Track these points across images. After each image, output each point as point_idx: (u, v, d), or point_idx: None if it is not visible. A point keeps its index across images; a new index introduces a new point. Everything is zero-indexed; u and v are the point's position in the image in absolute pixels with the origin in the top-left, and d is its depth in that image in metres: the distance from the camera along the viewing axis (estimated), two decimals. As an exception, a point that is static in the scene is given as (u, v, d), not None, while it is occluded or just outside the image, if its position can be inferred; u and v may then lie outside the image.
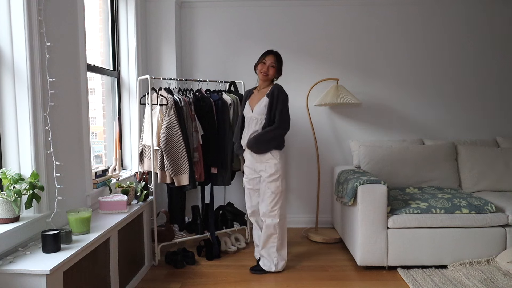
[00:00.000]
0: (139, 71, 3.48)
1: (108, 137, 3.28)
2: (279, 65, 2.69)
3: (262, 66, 2.69)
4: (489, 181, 3.41)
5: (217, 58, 3.94)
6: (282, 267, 2.86)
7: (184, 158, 2.94)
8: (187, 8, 3.91)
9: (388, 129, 3.96)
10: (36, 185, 1.92)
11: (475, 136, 3.93)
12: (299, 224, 3.99)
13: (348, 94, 3.61)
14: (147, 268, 2.93)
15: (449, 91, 3.93)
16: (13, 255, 1.77)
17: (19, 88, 1.94)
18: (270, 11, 3.90)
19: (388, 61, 3.92)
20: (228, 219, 3.49)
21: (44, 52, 2.05)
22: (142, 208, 2.78)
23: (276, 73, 2.72)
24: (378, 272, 2.87)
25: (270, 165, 2.69)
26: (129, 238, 2.56)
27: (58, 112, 2.19)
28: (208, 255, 3.15)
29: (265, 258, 2.85)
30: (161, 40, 3.70)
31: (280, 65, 2.71)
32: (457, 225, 2.85)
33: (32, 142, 1.97)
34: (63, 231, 1.91)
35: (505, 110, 3.94)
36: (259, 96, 2.77)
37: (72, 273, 1.82)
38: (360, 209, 2.84)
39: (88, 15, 2.74)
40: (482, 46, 3.89)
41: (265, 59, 2.68)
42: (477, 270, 2.73)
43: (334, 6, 3.88)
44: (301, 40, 3.91)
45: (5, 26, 1.92)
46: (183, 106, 3.05)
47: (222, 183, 3.26)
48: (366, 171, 3.30)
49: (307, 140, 3.87)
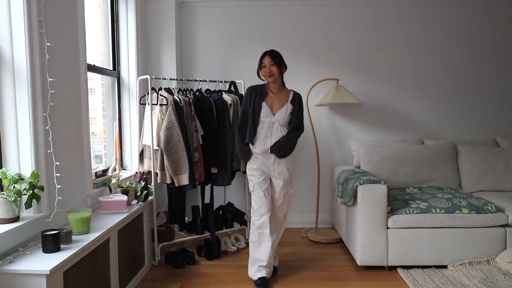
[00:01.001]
0: (139, 71, 3.48)
1: (108, 137, 3.28)
2: (277, 60, 2.68)
3: (264, 69, 2.70)
4: (489, 181, 3.41)
5: (217, 58, 3.94)
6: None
7: (184, 158, 2.94)
8: (187, 8, 3.91)
9: (388, 129, 3.96)
10: (36, 185, 1.92)
11: (475, 136, 3.93)
12: (299, 224, 3.99)
13: (348, 94, 3.61)
14: (147, 268, 2.93)
15: (449, 91, 3.93)
16: (13, 255, 1.77)
17: (19, 88, 1.94)
18: (270, 11, 3.90)
19: (388, 61, 3.92)
20: (228, 219, 3.49)
21: (44, 52, 2.05)
22: (142, 208, 2.78)
23: (279, 68, 2.69)
24: (378, 272, 2.87)
25: (288, 168, 2.75)
26: (129, 238, 2.56)
27: (58, 112, 2.19)
28: (208, 255, 3.15)
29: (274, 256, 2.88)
30: (161, 40, 3.70)
31: (279, 60, 2.69)
32: (457, 225, 2.85)
33: (32, 142, 1.97)
34: (63, 231, 1.91)
35: (505, 110, 3.94)
36: (279, 101, 2.72)
37: (72, 273, 1.82)
38: (360, 209, 2.84)
39: (88, 15, 2.74)
40: (482, 46, 3.89)
41: (263, 62, 2.70)
42: (477, 270, 2.73)
43: (334, 6, 3.88)
44: (301, 40, 3.91)
45: (5, 26, 1.92)
46: (183, 106, 3.05)
47: (222, 183, 3.26)
48: (366, 171, 3.30)
49: (307, 140, 3.87)
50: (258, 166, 2.71)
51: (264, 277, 2.66)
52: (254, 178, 2.72)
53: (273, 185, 2.75)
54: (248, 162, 2.78)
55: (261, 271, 2.68)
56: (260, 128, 2.69)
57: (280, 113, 2.69)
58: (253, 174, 2.73)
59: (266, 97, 2.73)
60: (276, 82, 2.73)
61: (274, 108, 2.71)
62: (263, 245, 2.68)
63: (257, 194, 2.69)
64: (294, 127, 2.73)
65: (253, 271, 2.72)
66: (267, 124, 2.69)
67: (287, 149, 2.71)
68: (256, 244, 2.71)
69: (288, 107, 2.71)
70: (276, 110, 2.71)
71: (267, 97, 2.73)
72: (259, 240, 2.69)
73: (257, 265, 2.69)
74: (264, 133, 2.68)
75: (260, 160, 2.71)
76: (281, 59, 2.70)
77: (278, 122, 2.69)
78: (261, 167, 2.71)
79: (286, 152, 2.72)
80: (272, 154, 2.69)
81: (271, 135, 2.68)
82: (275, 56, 2.68)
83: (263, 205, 2.67)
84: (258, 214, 2.68)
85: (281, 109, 2.70)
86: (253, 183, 2.72)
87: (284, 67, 2.74)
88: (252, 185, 2.73)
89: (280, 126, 2.69)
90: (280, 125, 2.69)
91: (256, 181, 2.70)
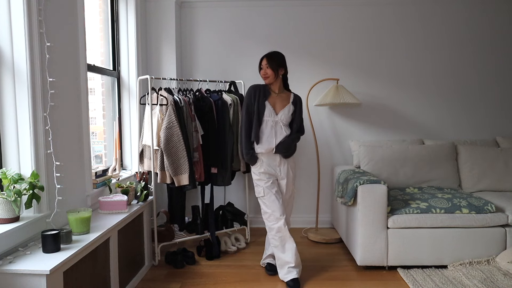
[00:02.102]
0: (139, 71, 3.48)
1: (108, 137, 3.28)
2: (273, 63, 2.69)
3: (262, 71, 2.75)
4: (489, 181, 3.41)
5: (217, 58, 3.94)
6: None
7: (184, 158, 2.94)
8: (187, 8, 3.91)
9: (388, 129, 3.96)
10: (36, 185, 1.92)
11: (475, 136, 3.93)
12: (299, 224, 3.99)
13: (348, 94, 3.61)
14: (147, 268, 2.93)
15: (449, 91, 3.93)
16: (13, 255, 1.77)
17: (19, 88, 1.94)
18: (270, 11, 3.90)
19: (388, 61, 3.92)
20: (228, 219, 3.49)
21: (44, 52, 2.05)
22: (142, 208, 2.78)
23: (274, 71, 2.70)
24: (378, 272, 2.87)
25: (292, 168, 2.78)
26: (129, 238, 2.56)
27: (58, 112, 2.19)
28: (208, 255, 3.15)
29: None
30: (161, 40, 3.70)
31: (275, 63, 2.69)
32: (457, 225, 2.85)
33: (32, 142, 1.97)
34: (63, 231, 1.91)
35: (505, 110, 3.94)
36: (281, 101, 2.75)
37: (72, 273, 1.82)
38: (360, 209, 2.84)
39: (88, 15, 2.74)
40: (482, 46, 3.89)
41: (261, 65, 2.75)
42: (477, 270, 2.73)
43: (334, 6, 3.88)
44: (301, 40, 3.91)
45: (5, 26, 1.92)
46: (183, 106, 3.05)
47: (222, 183, 3.26)
48: (366, 171, 3.30)
49: (307, 140, 3.87)
50: (265, 170, 2.71)
51: (295, 278, 2.65)
52: (263, 182, 2.70)
53: (281, 186, 2.76)
54: (253, 167, 2.76)
55: (291, 272, 2.66)
56: (264, 127, 2.70)
57: (283, 112, 2.71)
58: (261, 179, 2.71)
59: (269, 97, 2.74)
60: (276, 84, 2.75)
61: (277, 108, 2.73)
62: (286, 247, 2.67)
63: (268, 198, 2.67)
64: (297, 128, 2.77)
65: (283, 274, 2.71)
66: (270, 123, 2.70)
67: (292, 149, 2.75)
68: (279, 248, 2.69)
69: (290, 107, 2.75)
70: (278, 110, 2.73)
71: (270, 96, 2.75)
72: (281, 244, 2.67)
73: (286, 267, 2.68)
74: (268, 132, 2.69)
75: (266, 162, 2.71)
76: (278, 62, 2.70)
77: (282, 121, 2.70)
78: (268, 170, 2.71)
79: (291, 152, 2.76)
80: (277, 155, 2.70)
81: (276, 134, 2.69)
82: (271, 58, 2.71)
83: (277, 208, 2.65)
84: (273, 218, 2.66)
85: (283, 109, 2.72)
86: (262, 188, 2.69)
87: (282, 69, 2.73)
88: (262, 190, 2.70)
89: (284, 126, 2.71)
90: (284, 125, 2.71)
91: (265, 185, 2.69)
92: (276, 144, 2.68)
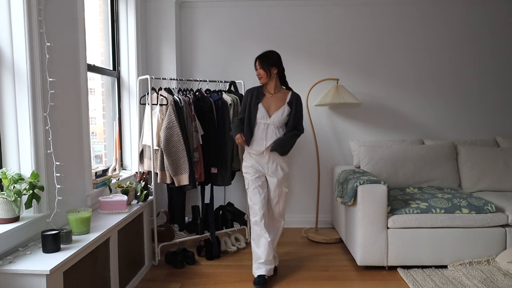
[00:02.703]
0: (139, 71, 3.48)
1: (108, 137, 3.28)
2: (264, 63, 2.69)
3: (256, 72, 2.77)
4: (489, 181, 3.41)
5: (217, 58, 3.94)
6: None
7: (184, 158, 2.94)
8: (187, 8, 3.91)
9: (388, 129, 3.96)
10: (36, 185, 1.92)
11: (475, 136, 3.93)
12: (299, 224, 3.99)
13: (348, 94, 3.61)
14: (147, 268, 2.93)
15: (449, 91, 3.93)
16: (13, 255, 1.77)
17: (19, 88, 1.94)
18: (270, 11, 3.90)
19: (388, 61, 3.92)
20: (228, 219, 3.49)
21: (44, 52, 2.05)
22: (142, 208, 2.78)
23: (266, 71, 2.70)
24: (378, 272, 2.87)
25: (282, 168, 2.76)
26: (129, 238, 2.56)
27: (58, 112, 2.19)
28: (208, 255, 3.15)
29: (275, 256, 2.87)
30: (161, 40, 3.70)
31: (266, 63, 2.69)
32: (457, 225, 2.85)
33: (32, 142, 1.97)
34: (63, 231, 1.91)
35: (505, 110, 3.94)
36: (275, 102, 2.74)
37: (72, 273, 1.82)
38: (360, 209, 2.84)
39: (88, 15, 2.74)
40: (482, 46, 3.89)
41: (256, 66, 2.77)
42: (477, 270, 2.73)
43: (334, 6, 3.88)
44: (301, 40, 3.91)
45: (5, 26, 1.92)
46: (183, 106, 3.05)
47: (222, 183, 3.26)
48: (366, 171, 3.30)
49: (307, 140, 3.87)
50: (252, 164, 2.76)
51: (262, 275, 2.66)
52: (249, 175, 2.77)
53: (268, 183, 2.78)
54: (243, 161, 2.83)
55: (260, 268, 2.68)
56: (256, 129, 2.73)
57: (276, 115, 2.71)
58: (248, 172, 2.78)
59: (263, 99, 2.75)
60: (271, 83, 2.76)
61: (271, 110, 2.73)
62: (260, 241, 2.70)
63: (252, 191, 2.74)
64: (292, 127, 2.74)
65: (253, 269, 2.74)
66: (262, 126, 2.71)
67: (288, 147, 2.74)
68: (255, 242, 2.73)
69: (285, 109, 2.73)
70: (272, 112, 2.73)
71: (264, 98, 2.75)
72: (257, 237, 2.72)
73: (257, 262, 2.71)
74: (260, 134, 2.72)
75: (255, 159, 2.75)
76: (270, 62, 2.70)
77: (274, 124, 2.71)
78: (255, 166, 2.75)
79: (287, 150, 2.75)
80: (266, 154, 2.72)
81: (266, 137, 2.70)
82: (262, 59, 2.73)
83: (257, 201, 2.70)
84: (253, 211, 2.73)
85: (277, 112, 2.72)
86: (248, 180, 2.77)
87: (275, 68, 2.72)
88: (247, 182, 2.78)
89: (275, 128, 2.71)
90: (276, 127, 2.71)
91: (251, 178, 2.75)
92: (266, 146, 2.69)
